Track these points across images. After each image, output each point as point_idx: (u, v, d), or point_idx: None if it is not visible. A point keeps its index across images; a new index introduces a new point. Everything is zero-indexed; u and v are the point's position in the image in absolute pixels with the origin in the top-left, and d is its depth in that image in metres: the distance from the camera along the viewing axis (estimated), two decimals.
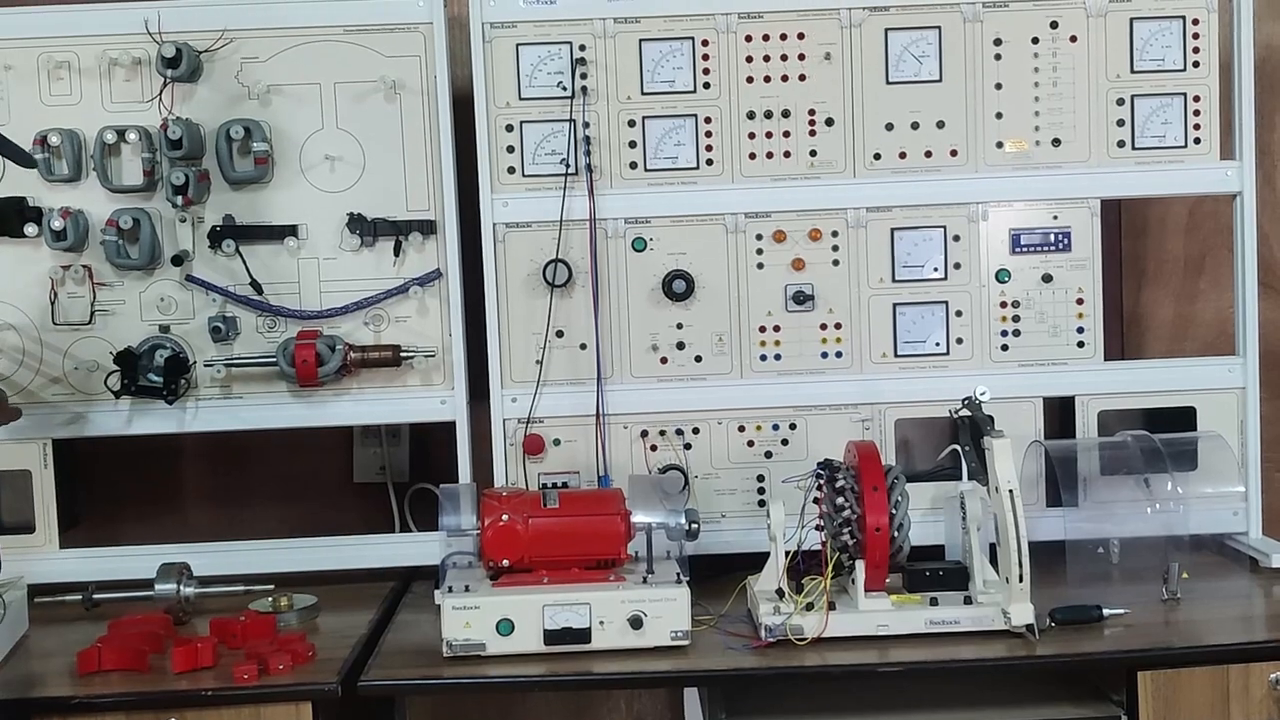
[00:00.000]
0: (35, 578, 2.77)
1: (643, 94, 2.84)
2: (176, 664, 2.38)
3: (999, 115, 2.86)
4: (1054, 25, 2.85)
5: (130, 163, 2.81)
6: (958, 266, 2.88)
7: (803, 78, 2.85)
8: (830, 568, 2.44)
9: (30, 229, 2.80)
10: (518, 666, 2.36)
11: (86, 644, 2.44)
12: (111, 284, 2.84)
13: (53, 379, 2.85)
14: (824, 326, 2.88)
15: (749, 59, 2.84)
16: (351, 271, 2.85)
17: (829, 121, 2.85)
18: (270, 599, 2.70)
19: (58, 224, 2.76)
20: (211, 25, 2.78)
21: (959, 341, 2.89)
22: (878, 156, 2.86)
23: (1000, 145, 2.87)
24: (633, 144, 2.84)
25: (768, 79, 2.85)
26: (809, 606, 2.43)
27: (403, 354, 2.82)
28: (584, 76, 2.82)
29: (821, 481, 2.48)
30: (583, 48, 2.82)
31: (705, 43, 2.84)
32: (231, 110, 2.81)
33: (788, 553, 2.50)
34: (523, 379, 2.85)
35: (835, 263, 2.87)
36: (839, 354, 2.89)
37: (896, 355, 2.89)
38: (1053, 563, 2.70)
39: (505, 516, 2.48)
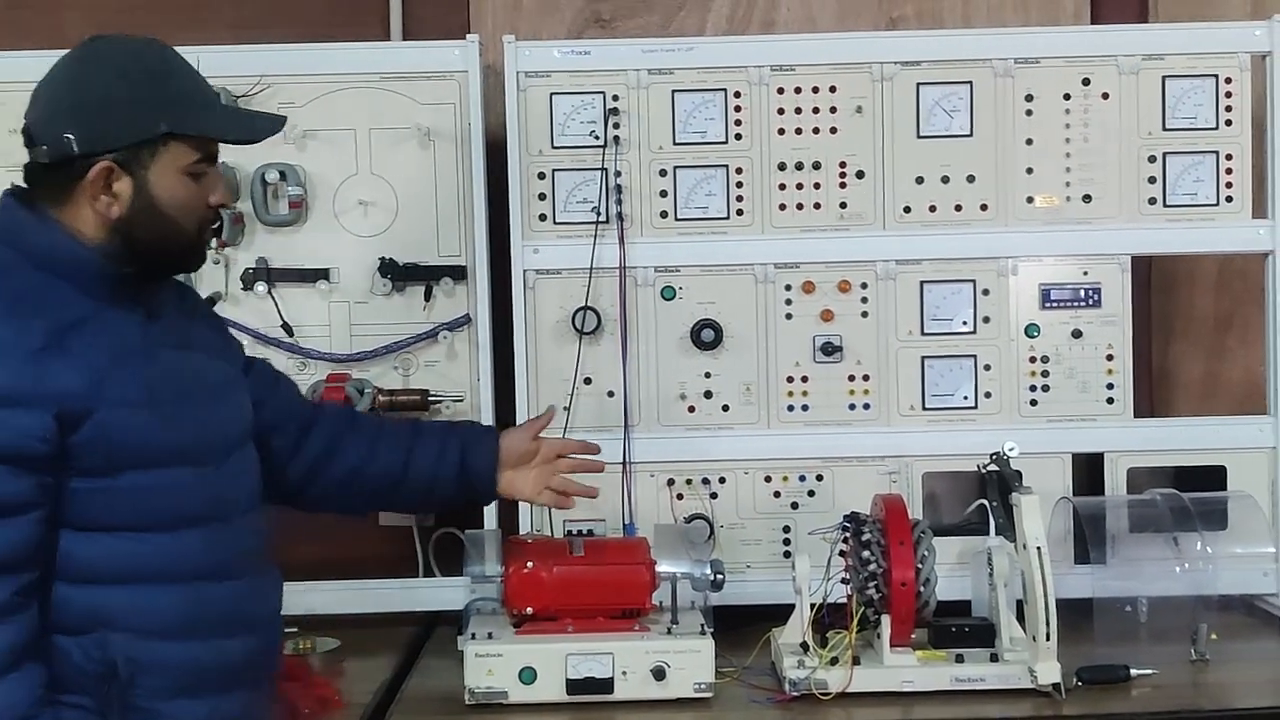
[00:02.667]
0: None
1: (675, 144, 2.86)
2: None
3: (1029, 170, 2.86)
4: (1086, 82, 2.86)
5: None
6: (987, 320, 2.88)
7: (834, 130, 2.86)
8: (855, 622, 2.43)
9: None
10: (539, 716, 2.36)
11: None
12: None
13: None
14: (852, 378, 2.88)
15: (780, 111, 2.86)
16: (382, 315, 2.87)
17: (859, 174, 2.86)
18: (293, 641, 2.70)
19: None
20: (250, 70, 2.80)
21: (987, 395, 2.88)
22: (908, 209, 2.87)
23: (1031, 200, 2.87)
24: (664, 193, 2.86)
25: (799, 131, 2.86)
26: (833, 661, 2.41)
27: (431, 399, 2.83)
28: (616, 126, 2.84)
29: (848, 534, 2.47)
30: (616, 98, 2.85)
31: (737, 94, 2.86)
32: (268, 154, 2.83)
33: (813, 605, 2.48)
34: (550, 426, 2.85)
35: (864, 314, 2.87)
36: (867, 406, 2.88)
37: (925, 408, 2.88)
38: (1080, 621, 2.68)
39: (530, 564, 2.48)
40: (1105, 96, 2.86)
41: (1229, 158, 2.86)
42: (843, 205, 2.87)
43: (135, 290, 1.87)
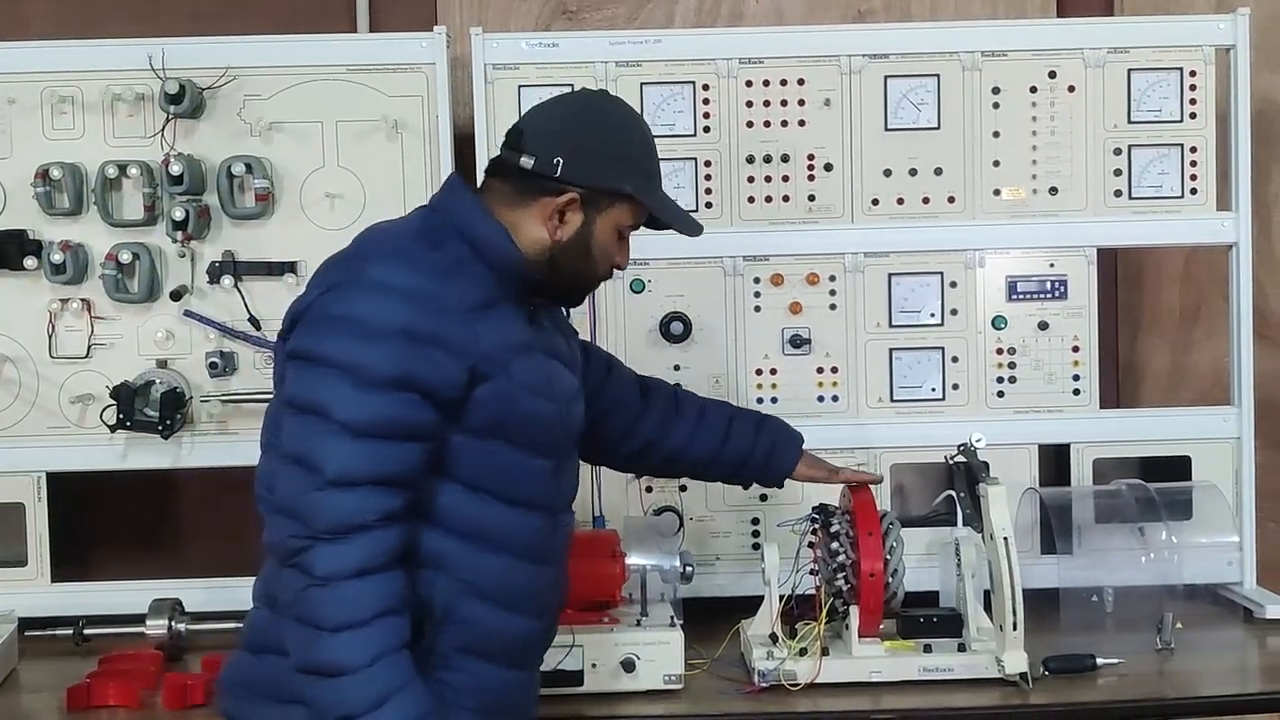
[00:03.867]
0: (26, 611, 2.76)
1: None
2: (167, 701, 2.37)
3: (996, 163, 2.88)
4: (1052, 75, 2.87)
5: (131, 197, 2.82)
6: (954, 313, 2.89)
7: (802, 123, 2.87)
8: (824, 613, 2.44)
9: (30, 262, 2.80)
10: None
11: (77, 679, 2.43)
12: (110, 318, 2.84)
13: (49, 412, 2.85)
14: (820, 370, 2.89)
15: (749, 104, 2.86)
16: None
17: (828, 166, 2.87)
18: None
19: (57, 257, 2.77)
20: (215, 62, 2.80)
21: (955, 387, 2.89)
22: (875, 202, 2.87)
23: (998, 193, 2.88)
24: None
25: (767, 124, 2.86)
26: (802, 652, 2.42)
27: None
28: None
29: (816, 526, 2.48)
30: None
31: (706, 87, 2.86)
32: (233, 147, 2.82)
33: (782, 597, 2.49)
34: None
35: (832, 307, 2.88)
36: (835, 398, 2.89)
37: (893, 400, 2.89)
38: (1047, 610, 2.70)
39: None
40: (1071, 89, 2.87)
41: (1193, 150, 2.88)
42: (811, 198, 2.87)
43: (531, 297, 2.05)
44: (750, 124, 2.86)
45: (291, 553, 1.83)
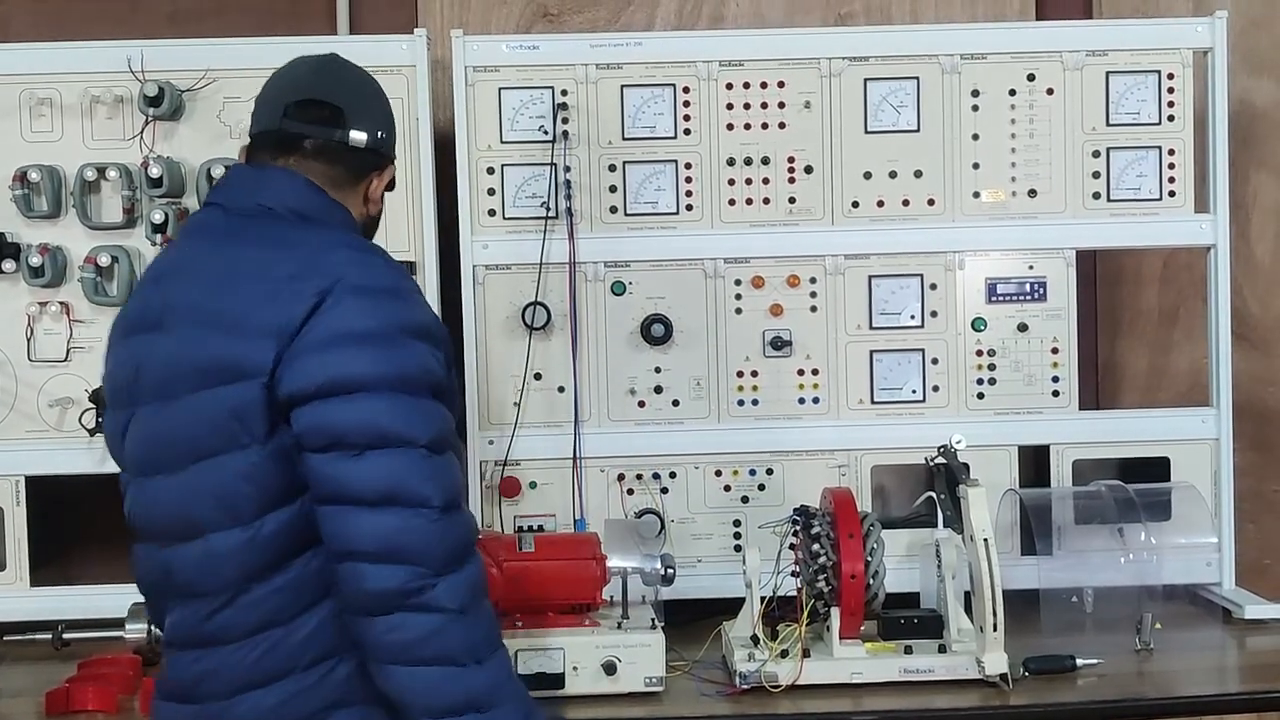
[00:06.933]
0: (5, 615, 2.76)
1: (624, 139, 2.86)
2: (145, 705, 2.36)
3: (976, 166, 2.88)
4: (1031, 78, 2.88)
5: (110, 200, 2.81)
6: (934, 315, 2.89)
7: (782, 126, 2.87)
8: (805, 614, 2.44)
9: (8, 265, 2.79)
10: None
11: (55, 684, 2.42)
12: (89, 321, 2.83)
13: (28, 416, 2.83)
14: (801, 372, 2.89)
15: (729, 106, 2.86)
16: None
17: (808, 169, 2.87)
18: None
19: (36, 260, 2.76)
20: (194, 64, 2.79)
21: (935, 389, 2.90)
22: (856, 204, 2.88)
23: (977, 195, 2.89)
24: (613, 188, 2.85)
25: (748, 126, 2.87)
26: (784, 653, 2.42)
27: None
28: (565, 121, 2.84)
29: (797, 528, 2.48)
30: (565, 93, 2.84)
31: (686, 89, 2.86)
32: (213, 149, 2.81)
33: (763, 598, 2.49)
34: (500, 421, 2.85)
35: (813, 309, 2.89)
36: (816, 400, 2.89)
37: (873, 402, 2.90)
38: (1027, 611, 2.70)
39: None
40: (1050, 92, 2.88)
41: (1172, 153, 2.90)
42: (791, 200, 2.88)
43: None
44: (731, 126, 2.87)
45: (404, 595, 1.75)
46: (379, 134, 2.01)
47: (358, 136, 1.98)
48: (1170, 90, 2.89)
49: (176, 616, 1.91)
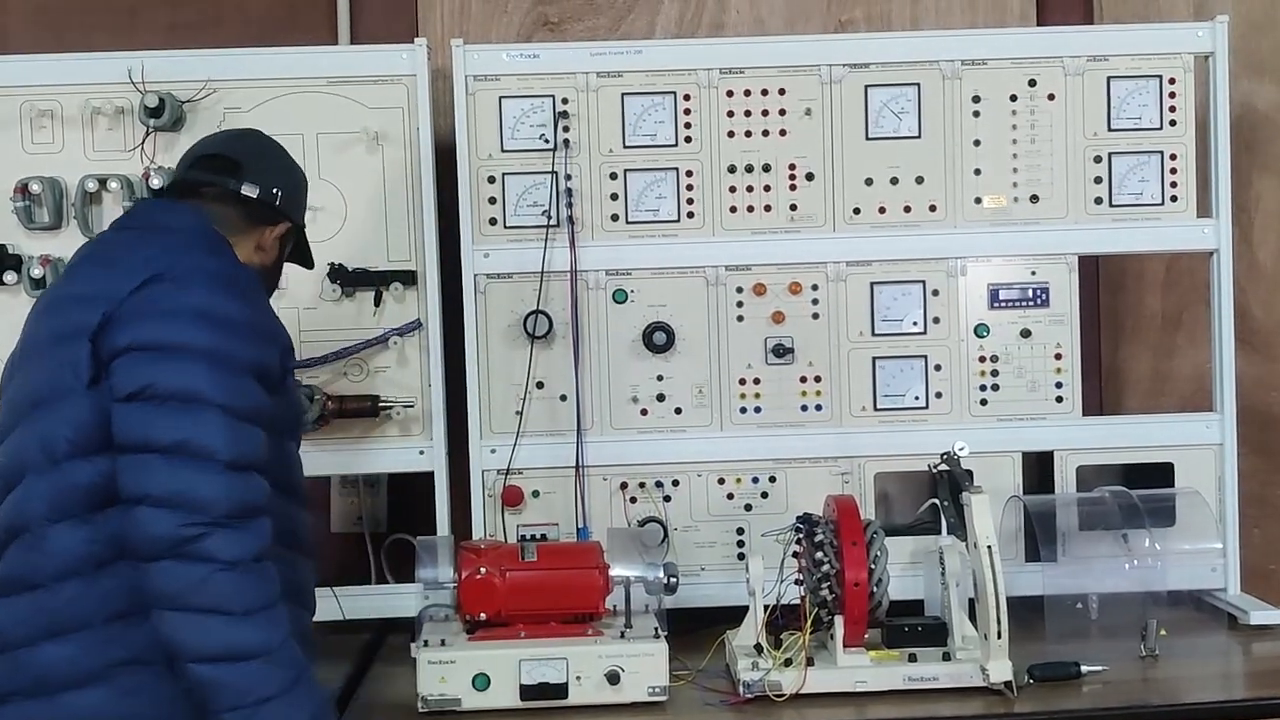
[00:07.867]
0: None
1: (625, 147, 2.85)
2: None
3: (978, 171, 2.88)
4: (1032, 83, 2.88)
5: (111, 211, 2.80)
6: (937, 321, 2.89)
7: (783, 133, 2.87)
8: (809, 623, 2.43)
9: (9, 276, 2.79)
10: None
11: None
12: None
13: None
14: (804, 379, 2.88)
15: (730, 114, 2.86)
16: (331, 321, 2.85)
17: (809, 176, 2.87)
18: None
19: (37, 271, 2.76)
20: (195, 75, 2.79)
21: (938, 396, 2.89)
22: (857, 211, 2.88)
23: (979, 201, 2.89)
24: (614, 196, 2.85)
25: (749, 134, 2.87)
26: (787, 662, 2.42)
27: (381, 404, 2.81)
28: (566, 129, 2.84)
29: (801, 535, 2.47)
30: (565, 101, 2.84)
31: (687, 97, 2.86)
32: None
33: (767, 607, 2.49)
34: (502, 430, 2.85)
35: (815, 316, 2.88)
36: (819, 407, 2.89)
37: (876, 409, 2.89)
38: (1031, 618, 2.69)
39: (483, 570, 2.47)
40: (1051, 97, 2.88)
41: (1173, 158, 2.89)
42: (793, 207, 2.87)
43: None
44: (731, 134, 2.87)
45: (179, 541, 1.86)
46: (274, 191, 2.24)
47: (249, 190, 2.22)
48: (1172, 95, 2.88)
49: (2, 564, 2.02)
